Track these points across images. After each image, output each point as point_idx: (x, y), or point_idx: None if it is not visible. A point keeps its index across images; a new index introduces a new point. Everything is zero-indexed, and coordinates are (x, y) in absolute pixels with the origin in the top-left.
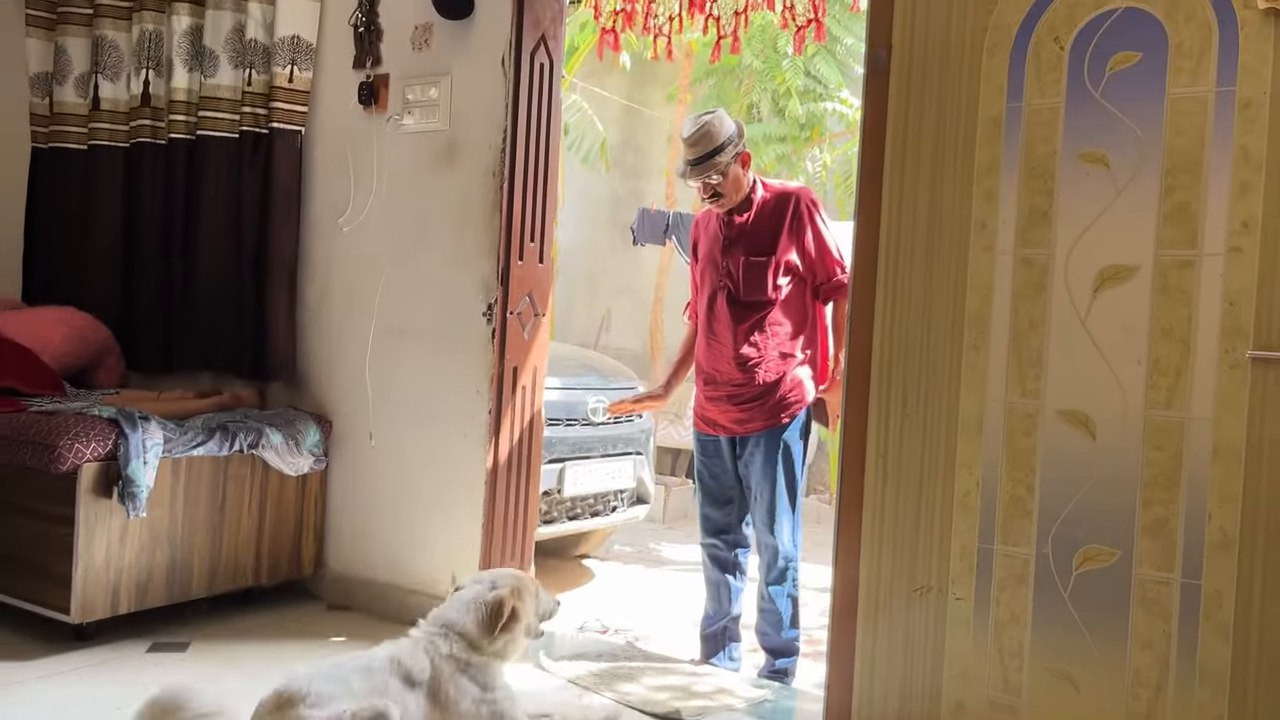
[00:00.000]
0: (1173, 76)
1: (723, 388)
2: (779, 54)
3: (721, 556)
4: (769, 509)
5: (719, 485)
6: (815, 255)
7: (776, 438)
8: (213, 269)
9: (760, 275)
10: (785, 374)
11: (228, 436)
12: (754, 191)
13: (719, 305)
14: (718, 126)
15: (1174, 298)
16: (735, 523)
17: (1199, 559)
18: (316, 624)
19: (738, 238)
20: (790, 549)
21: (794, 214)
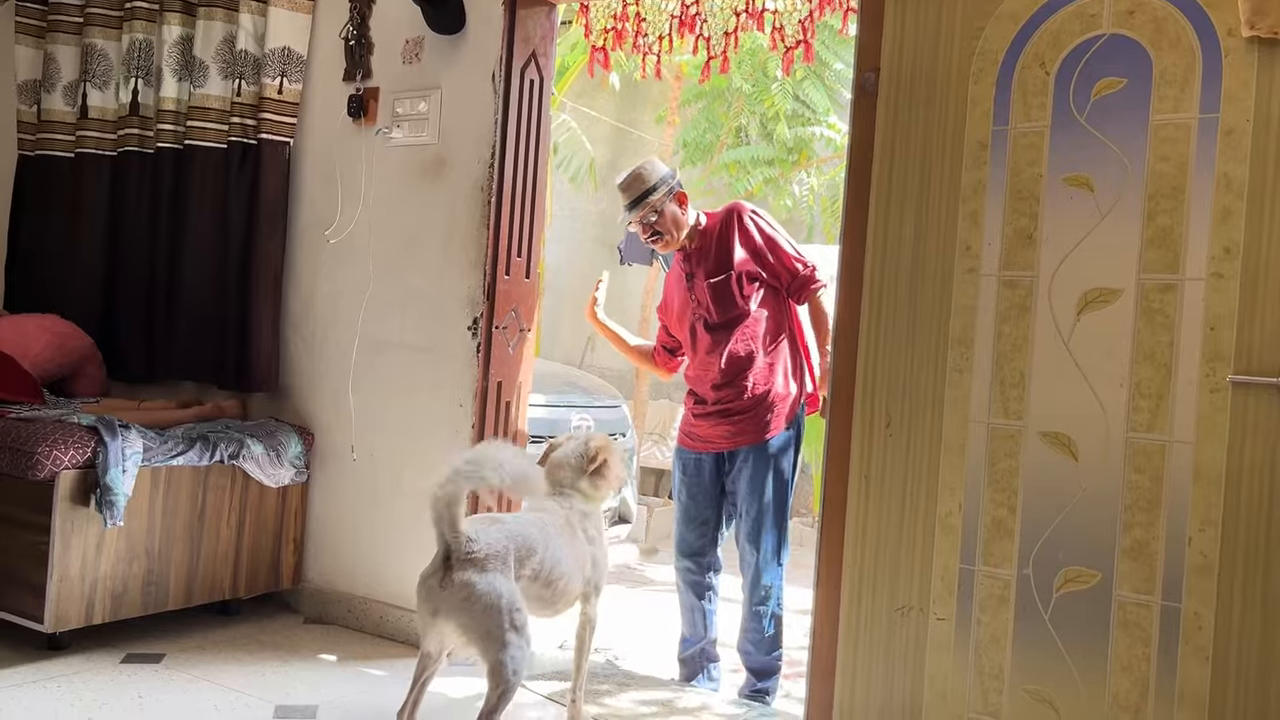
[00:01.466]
0: (1156, 103)
1: (712, 405)
2: (768, 78)
3: (695, 580)
4: (755, 525)
5: (697, 505)
6: (771, 257)
7: (765, 452)
8: (197, 279)
9: (726, 292)
10: (773, 386)
11: (208, 446)
12: (698, 224)
13: (699, 335)
14: (648, 170)
15: (1156, 321)
16: (709, 545)
17: (1179, 581)
18: (294, 637)
19: (696, 268)
20: (775, 568)
21: (739, 226)
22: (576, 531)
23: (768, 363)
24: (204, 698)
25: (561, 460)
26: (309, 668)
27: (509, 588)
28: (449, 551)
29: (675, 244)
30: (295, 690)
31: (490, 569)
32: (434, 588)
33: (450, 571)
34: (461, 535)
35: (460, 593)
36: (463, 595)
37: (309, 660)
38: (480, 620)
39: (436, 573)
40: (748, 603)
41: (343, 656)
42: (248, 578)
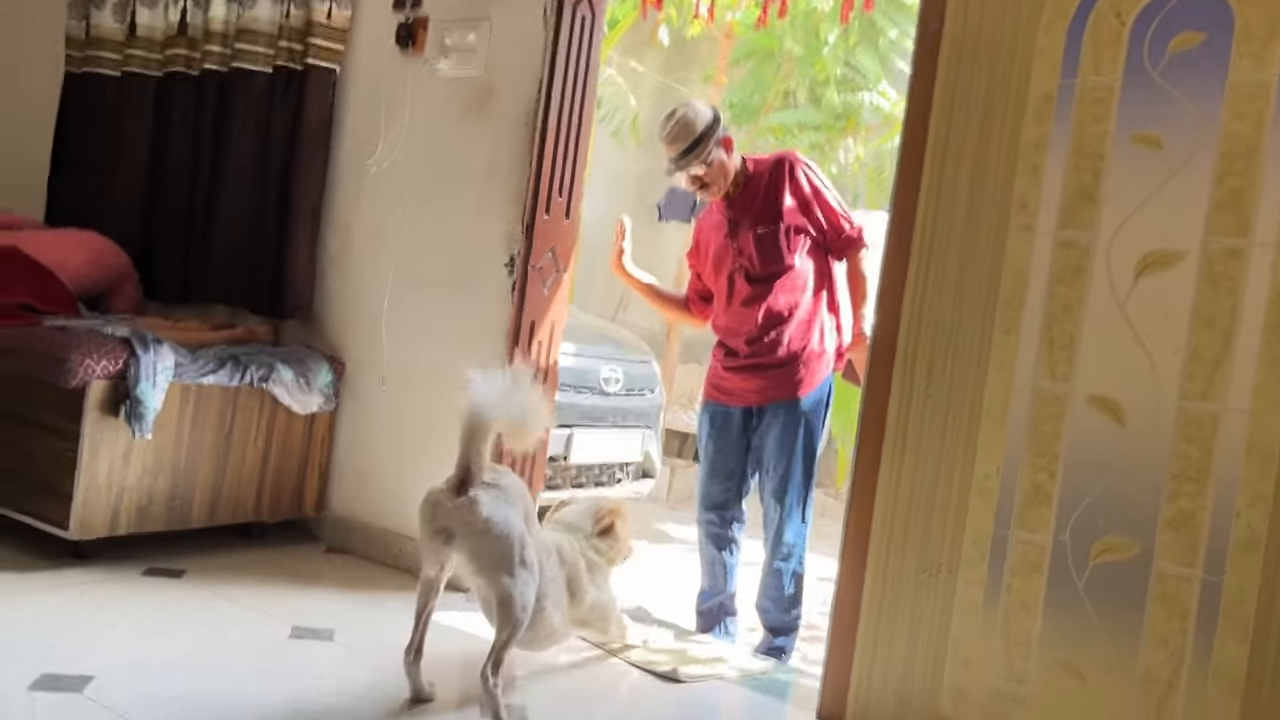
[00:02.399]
0: (1236, 60)
1: (744, 359)
2: (820, 41)
3: (717, 533)
4: (782, 482)
5: (724, 458)
6: (820, 213)
7: (796, 409)
8: (236, 202)
9: (773, 244)
10: (808, 343)
11: (239, 368)
12: (745, 169)
13: (738, 285)
14: (693, 118)
15: (1220, 286)
16: (734, 498)
17: (1223, 556)
18: (314, 564)
19: (741, 216)
20: (799, 525)
21: (790, 176)
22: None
23: (805, 319)
24: (223, 613)
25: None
26: (328, 593)
27: (521, 524)
28: (467, 475)
29: (721, 192)
30: (313, 614)
31: (506, 502)
32: (442, 503)
33: (464, 491)
34: (486, 461)
35: (472, 512)
36: (475, 516)
37: (328, 587)
38: (492, 546)
39: (448, 491)
40: (769, 559)
41: (362, 586)
42: (271, 502)
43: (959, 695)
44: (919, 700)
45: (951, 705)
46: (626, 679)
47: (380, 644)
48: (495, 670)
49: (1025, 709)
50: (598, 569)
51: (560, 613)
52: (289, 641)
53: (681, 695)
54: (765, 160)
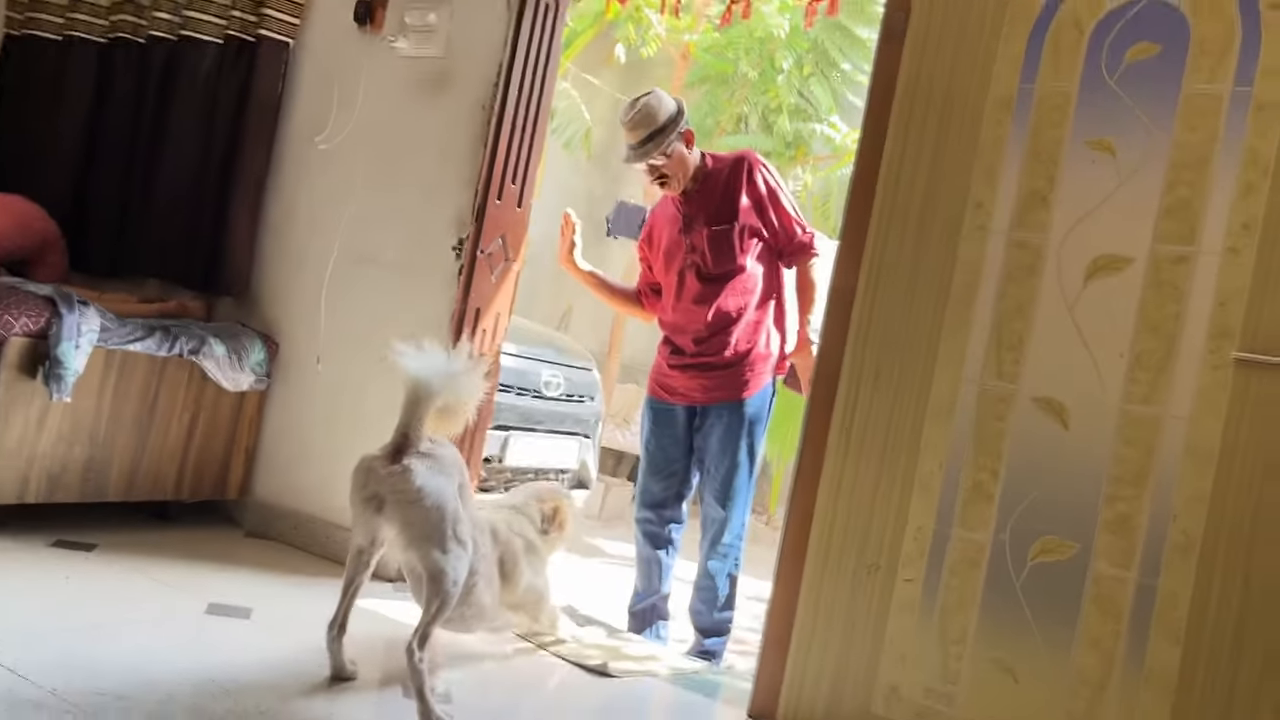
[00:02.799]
0: (1191, 72)
1: (691, 358)
2: (775, 68)
3: (655, 532)
4: (725, 482)
5: (665, 457)
6: (774, 215)
7: (740, 411)
8: (177, 174)
9: (726, 243)
10: (755, 345)
11: (168, 338)
12: (704, 165)
13: (688, 282)
14: (656, 106)
15: (1165, 293)
16: (673, 498)
17: (1158, 559)
18: (233, 548)
19: (696, 212)
20: (738, 527)
21: (748, 177)
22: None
23: (753, 321)
24: (136, 587)
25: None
26: (246, 575)
27: (455, 497)
28: (404, 442)
29: (680, 186)
30: (230, 592)
31: (441, 473)
32: (375, 470)
33: (399, 459)
34: (424, 430)
35: (405, 480)
36: (408, 484)
37: (248, 569)
38: (423, 517)
39: (382, 458)
40: (704, 560)
41: (283, 570)
42: (193, 481)
43: (891, 693)
44: (851, 698)
45: (884, 703)
46: (555, 672)
47: (301, 624)
48: (422, 644)
49: (956, 708)
50: (535, 553)
51: (491, 593)
52: (204, 617)
53: (611, 691)
54: (725, 158)
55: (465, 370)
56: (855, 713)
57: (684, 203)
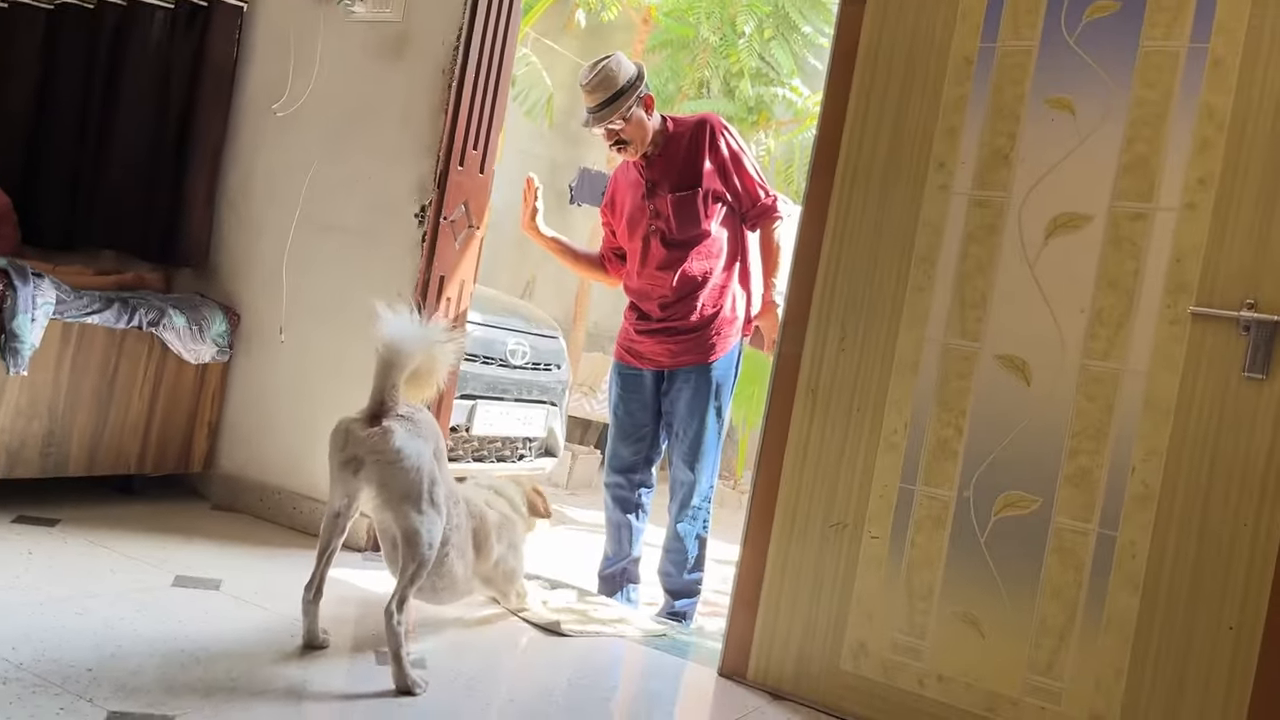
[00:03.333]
0: (1148, 28)
1: (657, 323)
2: (736, 32)
3: (625, 496)
4: (693, 445)
5: (634, 421)
6: (737, 179)
7: (708, 374)
8: (131, 143)
9: (691, 208)
10: (721, 309)
11: (127, 309)
12: (665, 129)
13: (653, 247)
14: (616, 70)
15: (1124, 249)
16: (643, 462)
17: (1118, 510)
18: (199, 520)
19: (660, 178)
20: (707, 489)
21: (710, 141)
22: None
23: (719, 285)
24: (100, 561)
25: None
26: (213, 547)
27: (432, 461)
28: (380, 407)
29: (639, 151)
30: (198, 564)
31: (419, 435)
32: (354, 431)
33: (377, 422)
34: (399, 394)
35: (384, 441)
36: (387, 445)
37: (215, 541)
38: (401, 478)
39: (361, 421)
40: (673, 522)
41: (251, 542)
42: (156, 454)
43: (859, 649)
44: (820, 654)
45: (852, 659)
46: (525, 635)
47: (270, 595)
48: (400, 608)
49: (923, 661)
50: (511, 528)
51: (464, 564)
52: (172, 589)
53: (582, 651)
54: (686, 122)
55: (438, 335)
56: (824, 669)
57: (646, 168)
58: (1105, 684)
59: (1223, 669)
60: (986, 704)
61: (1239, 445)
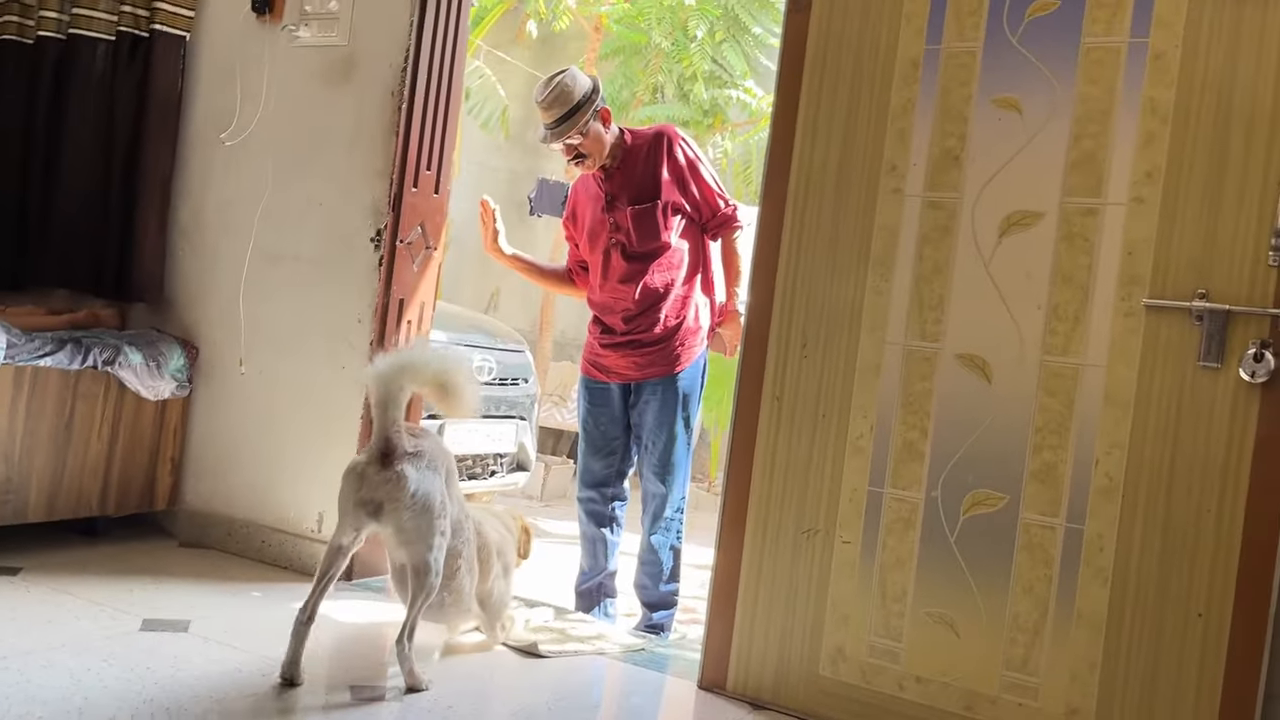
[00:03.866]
0: (1089, 25)
1: (621, 336)
2: (688, 36)
3: (598, 510)
4: (663, 457)
5: (604, 435)
6: (695, 189)
7: (674, 385)
8: (77, 180)
9: (650, 221)
10: (684, 320)
11: (80, 350)
12: (623, 142)
13: (614, 261)
14: (571, 85)
15: (1076, 245)
16: (614, 476)
17: (1084, 504)
18: (167, 559)
19: (618, 190)
20: (679, 500)
21: (668, 152)
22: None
23: (682, 296)
24: (65, 609)
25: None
26: (182, 587)
27: (443, 491)
28: (388, 446)
29: (597, 164)
30: (166, 606)
31: (431, 470)
32: (369, 476)
33: (390, 465)
34: (404, 430)
35: (400, 488)
36: (403, 491)
37: (183, 580)
38: (419, 521)
39: (373, 463)
40: (647, 535)
41: (220, 578)
42: (119, 494)
43: (837, 654)
44: (798, 662)
45: (830, 664)
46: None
47: (241, 632)
48: (410, 637)
49: (900, 664)
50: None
51: (471, 579)
52: (140, 634)
53: (561, 671)
54: (644, 134)
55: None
56: (803, 676)
57: (605, 180)
58: (1080, 677)
59: (1194, 656)
60: (965, 703)
61: (1198, 434)
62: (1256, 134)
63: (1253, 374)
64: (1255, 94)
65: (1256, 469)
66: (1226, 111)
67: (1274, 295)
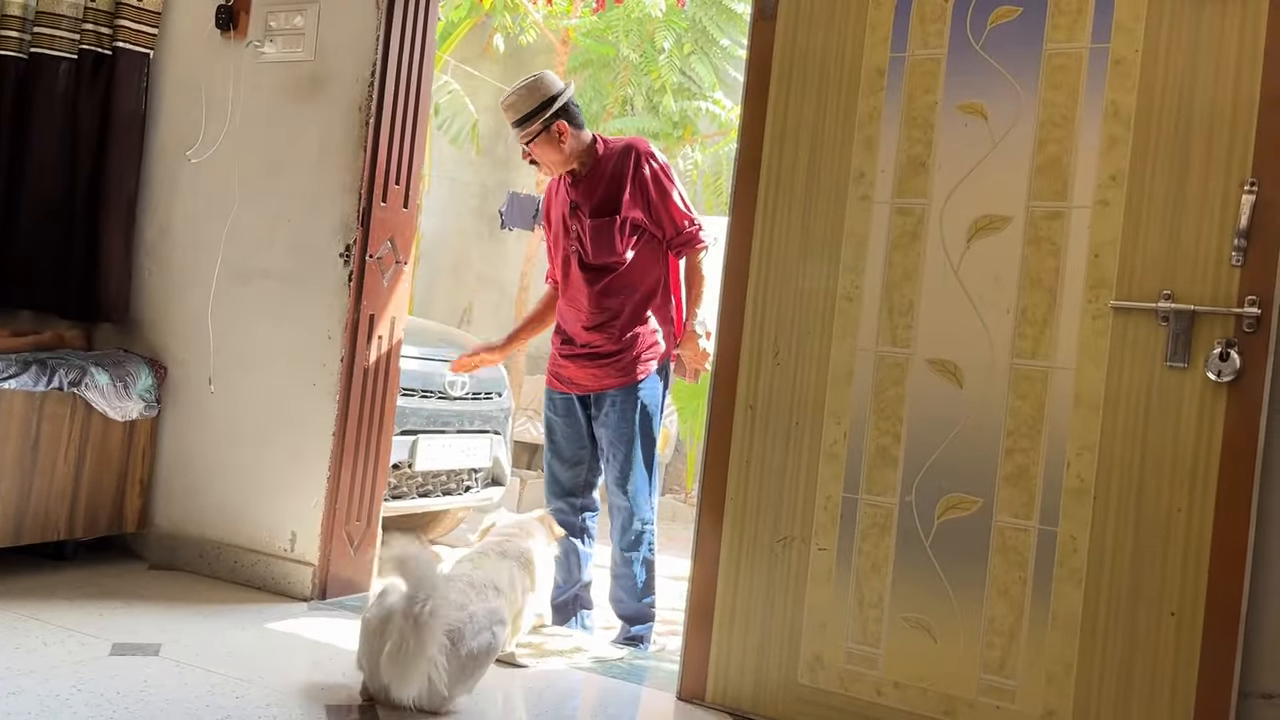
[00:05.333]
0: (1050, 31)
1: (580, 347)
2: (656, 49)
3: (568, 521)
4: (622, 469)
5: (569, 444)
6: (661, 209)
7: (633, 395)
8: (40, 200)
9: (607, 237)
10: (640, 332)
11: (45, 371)
12: (594, 150)
13: (572, 269)
14: (534, 88)
15: (1043, 248)
16: (582, 486)
17: (1056, 506)
18: (137, 582)
19: (582, 200)
20: (645, 512)
21: (634, 167)
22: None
23: (637, 309)
24: (33, 635)
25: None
26: (153, 610)
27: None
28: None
29: (557, 172)
30: (137, 629)
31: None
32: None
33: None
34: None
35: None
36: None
37: (153, 603)
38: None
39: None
40: (617, 549)
41: (192, 600)
42: (87, 518)
43: (815, 661)
44: (777, 670)
45: (809, 672)
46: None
47: (212, 654)
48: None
49: (878, 669)
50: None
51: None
52: (110, 659)
53: (540, 684)
54: (615, 145)
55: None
56: (782, 685)
57: (572, 186)
58: (1057, 678)
59: (1168, 654)
60: (943, 707)
61: (1167, 434)
62: (1218, 136)
63: (1219, 373)
64: (1215, 97)
65: (1225, 467)
66: (1188, 114)
67: (1238, 295)
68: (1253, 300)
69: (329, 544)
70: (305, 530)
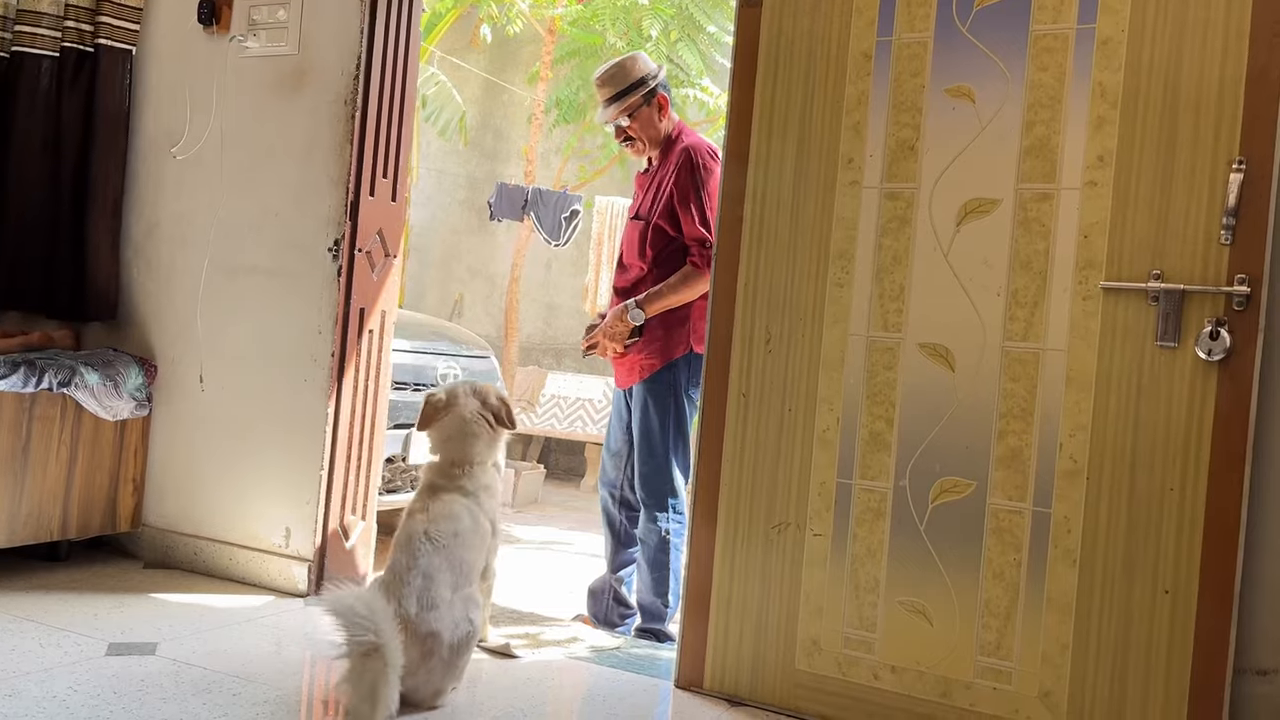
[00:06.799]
0: (1036, 13)
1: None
2: (643, 37)
3: (608, 510)
4: (635, 468)
5: (613, 435)
6: (681, 213)
7: (644, 393)
8: (25, 199)
9: (633, 240)
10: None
11: (35, 372)
12: (670, 139)
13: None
14: (630, 66)
15: (1033, 230)
16: (625, 480)
17: (1050, 487)
18: (132, 581)
19: (643, 191)
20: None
21: (677, 172)
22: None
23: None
24: (29, 637)
25: (468, 427)
26: (148, 608)
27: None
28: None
29: (646, 152)
30: (132, 628)
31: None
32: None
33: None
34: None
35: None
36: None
37: (148, 601)
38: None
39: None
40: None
41: (187, 598)
42: (80, 518)
43: (813, 646)
44: (774, 656)
45: (806, 657)
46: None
47: (208, 652)
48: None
49: (875, 654)
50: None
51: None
52: (106, 659)
53: (537, 673)
54: (679, 143)
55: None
56: (779, 670)
57: (645, 172)
58: (1052, 659)
59: (1163, 632)
60: (940, 690)
61: (1158, 413)
62: (1204, 115)
63: (1209, 352)
64: (1202, 76)
65: (1217, 445)
66: (1174, 94)
67: (1227, 274)
68: (1242, 279)
69: (324, 539)
70: (299, 526)
